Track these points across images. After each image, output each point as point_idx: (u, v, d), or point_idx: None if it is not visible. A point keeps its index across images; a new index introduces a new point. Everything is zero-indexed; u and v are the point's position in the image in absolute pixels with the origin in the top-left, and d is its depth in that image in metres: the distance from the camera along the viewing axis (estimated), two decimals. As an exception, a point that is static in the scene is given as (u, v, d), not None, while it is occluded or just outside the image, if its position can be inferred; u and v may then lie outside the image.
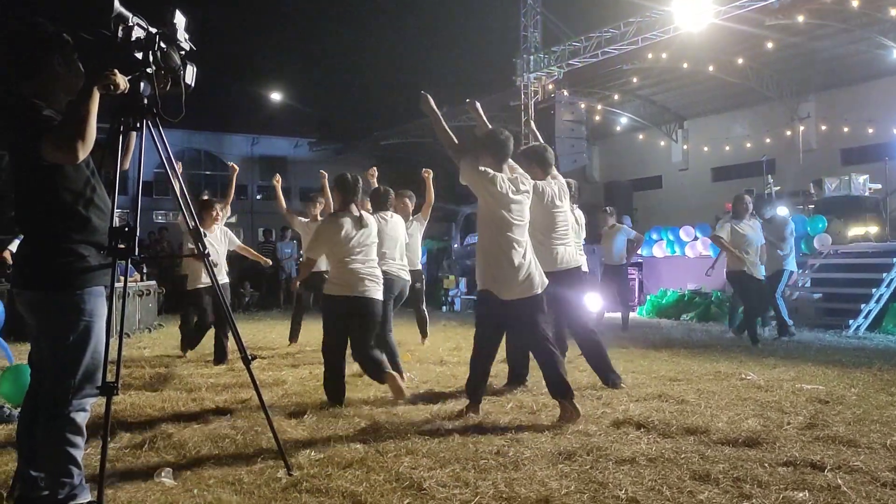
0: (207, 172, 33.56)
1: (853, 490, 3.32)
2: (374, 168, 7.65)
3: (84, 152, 2.80)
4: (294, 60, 37.61)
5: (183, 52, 3.26)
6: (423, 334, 9.30)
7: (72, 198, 2.95)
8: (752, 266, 9.05)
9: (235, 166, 8.95)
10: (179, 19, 3.22)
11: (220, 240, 7.90)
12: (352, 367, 5.77)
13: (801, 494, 3.26)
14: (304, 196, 20.96)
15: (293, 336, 9.36)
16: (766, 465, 3.73)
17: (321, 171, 8.14)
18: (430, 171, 7.99)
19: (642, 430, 4.49)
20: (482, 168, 4.90)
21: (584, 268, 6.59)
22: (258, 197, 32.58)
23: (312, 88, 35.63)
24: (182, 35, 3.23)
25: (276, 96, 31.95)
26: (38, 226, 2.96)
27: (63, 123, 2.82)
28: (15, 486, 3.18)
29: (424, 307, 9.24)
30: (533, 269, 5.00)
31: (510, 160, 5.13)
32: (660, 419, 4.67)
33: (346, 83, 37.07)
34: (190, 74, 3.33)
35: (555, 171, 6.10)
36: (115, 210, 3.11)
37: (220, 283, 7.99)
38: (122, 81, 3.01)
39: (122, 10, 3.06)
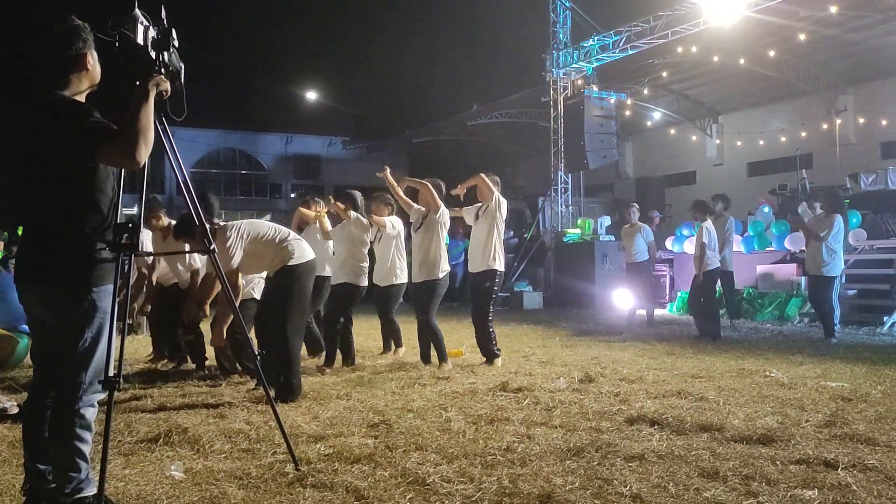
0: (243, 171, 33.97)
1: (864, 489, 3.24)
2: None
3: (145, 157, 2.87)
4: (328, 60, 38.01)
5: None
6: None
7: (102, 197, 2.98)
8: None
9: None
10: (164, 15, 3.22)
11: None
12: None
13: (809, 493, 3.20)
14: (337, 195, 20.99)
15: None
16: (778, 462, 3.66)
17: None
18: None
19: (655, 426, 4.44)
20: None
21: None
22: (292, 195, 32.85)
23: (346, 88, 35.99)
24: (173, 32, 3.24)
25: (310, 96, 32.22)
26: (65, 223, 2.95)
27: (126, 130, 2.84)
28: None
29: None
30: None
31: None
32: (674, 416, 4.61)
33: (379, 82, 37.32)
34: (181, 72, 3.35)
35: None
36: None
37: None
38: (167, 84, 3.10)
39: (138, 10, 3.09)
